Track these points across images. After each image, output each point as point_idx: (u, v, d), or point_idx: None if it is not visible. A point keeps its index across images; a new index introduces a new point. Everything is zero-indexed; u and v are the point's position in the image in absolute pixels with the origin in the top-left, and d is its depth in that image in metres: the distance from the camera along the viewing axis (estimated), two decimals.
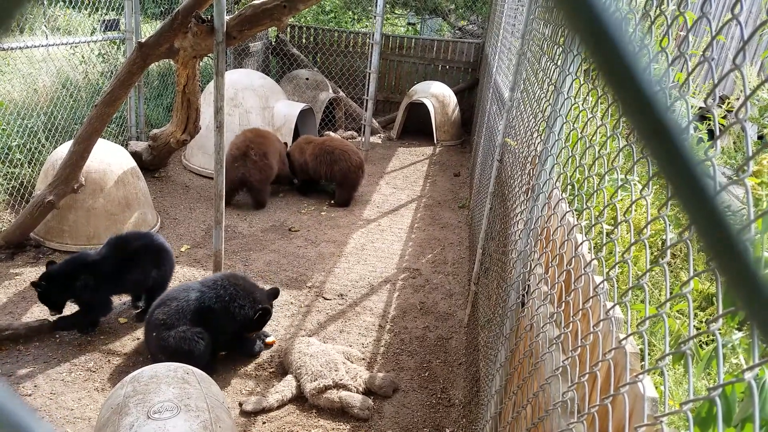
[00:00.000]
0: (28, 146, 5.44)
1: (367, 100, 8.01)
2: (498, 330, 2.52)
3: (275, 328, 4.10)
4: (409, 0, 12.04)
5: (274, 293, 3.88)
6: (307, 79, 9.00)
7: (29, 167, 5.41)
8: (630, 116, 0.28)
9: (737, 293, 0.30)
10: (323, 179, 6.63)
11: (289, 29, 10.44)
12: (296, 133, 7.38)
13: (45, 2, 7.23)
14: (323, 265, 5.17)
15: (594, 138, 1.57)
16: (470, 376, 3.68)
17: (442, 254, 5.63)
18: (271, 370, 3.72)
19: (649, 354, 1.88)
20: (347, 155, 6.46)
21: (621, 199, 2.07)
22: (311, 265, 5.13)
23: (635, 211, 1.24)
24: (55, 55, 6.11)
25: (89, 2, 6.14)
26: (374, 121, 9.27)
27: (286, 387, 3.44)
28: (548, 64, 2.28)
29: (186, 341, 3.39)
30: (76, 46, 6.38)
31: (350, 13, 13.21)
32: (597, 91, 1.68)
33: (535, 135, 2.43)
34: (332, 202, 6.64)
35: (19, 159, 5.30)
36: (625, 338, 1.11)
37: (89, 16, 6.91)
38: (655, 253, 2.36)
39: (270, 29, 9.00)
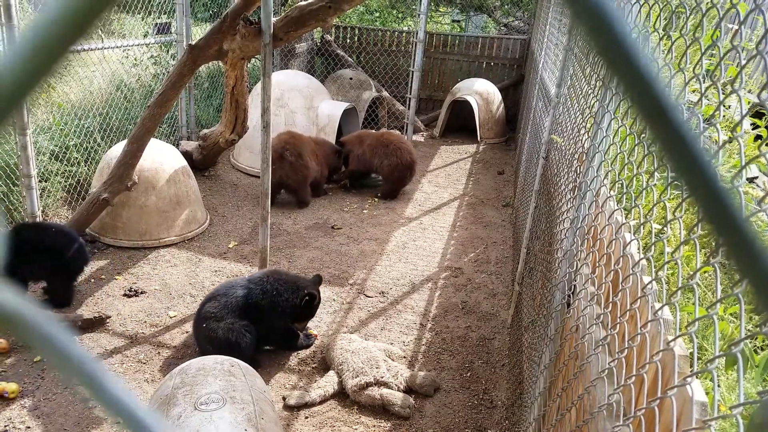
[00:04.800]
0: (84, 145, 5.67)
1: (409, 98, 8.00)
2: (542, 331, 2.49)
3: (318, 324, 4.15)
4: None
5: (317, 280, 4.01)
6: (350, 78, 9.05)
7: (85, 166, 5.63)
8: (660, 146, 0.28)
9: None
10: (374, 171, 6.76)
11: (333, 30, 10.52)
12: (339, 133, 7.44)
13: None
14: (365, 262, 5.20)
15: (643, 134, 1.53)
16: (513, 377, 3.63)
17: (485, 253, 5.57)
18: (313, 366, 3.76)
19: (699, 358, 1.82)
20: (400, 152, 6.55)
21: (671, 198, 2.00)
22: (353, 263, 5.16)
23: (686, 209, 1.21)
24: (109, 57, 6.33)
25: (142, 6, 6.34)
26: (417, 119, 9.25)
27: (328, 383, 3.47)
28: (596, 59, 2.23)
29: (234, 333, 3.51)
30: (129, 49, 6.60)
31: (394, 12, 13.20)
32: None
33: (582, 132, 2.38)
34: (379, 195, 6.78)
35: (76, 158, 5.52)
36: (674, 340, 1.08)
37: (142, 20, 7.13)
38: (708, 254, 2.28)
39: (315, 30, 9.10)
